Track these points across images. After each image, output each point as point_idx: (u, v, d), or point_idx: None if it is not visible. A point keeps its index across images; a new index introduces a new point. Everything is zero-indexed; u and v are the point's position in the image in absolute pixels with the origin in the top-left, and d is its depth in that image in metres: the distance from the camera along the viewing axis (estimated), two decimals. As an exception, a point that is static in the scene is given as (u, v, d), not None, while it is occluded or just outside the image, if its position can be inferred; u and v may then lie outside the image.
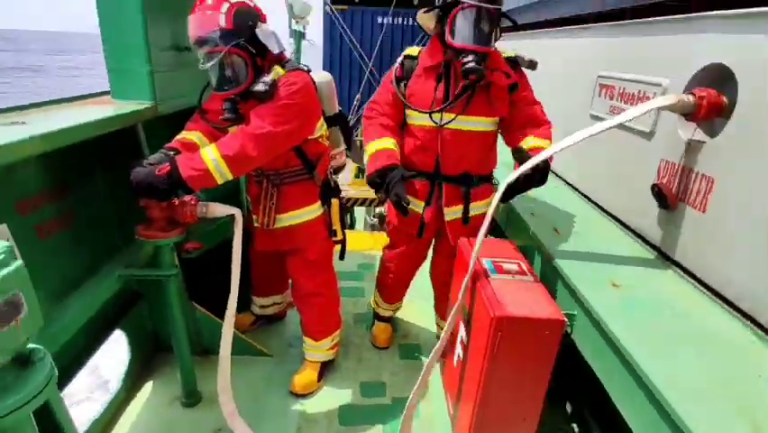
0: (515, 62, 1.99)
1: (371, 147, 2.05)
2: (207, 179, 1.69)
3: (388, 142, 2.05)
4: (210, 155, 1.68)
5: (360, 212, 6.54)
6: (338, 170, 2.35)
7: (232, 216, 1.81)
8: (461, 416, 1.85)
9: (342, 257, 2.26)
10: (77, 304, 1.63)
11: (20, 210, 1.53)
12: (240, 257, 1.82)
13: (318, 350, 2.29)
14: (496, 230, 2.49)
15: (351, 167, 8.73)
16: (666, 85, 1.67)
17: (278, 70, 1.77)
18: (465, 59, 1.79)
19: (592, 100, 2.23)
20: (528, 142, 1.93)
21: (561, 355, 1.54)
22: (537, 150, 1.82)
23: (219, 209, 1.80)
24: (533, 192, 2.00)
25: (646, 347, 1.19)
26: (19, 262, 0.87)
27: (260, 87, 1.71)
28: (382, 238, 4.00)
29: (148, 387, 2.23)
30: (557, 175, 2.67)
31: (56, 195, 1.71)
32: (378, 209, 6.16)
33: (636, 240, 1.84)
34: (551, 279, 1.72)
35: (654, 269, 1.63)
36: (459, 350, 1.90)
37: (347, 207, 7.40)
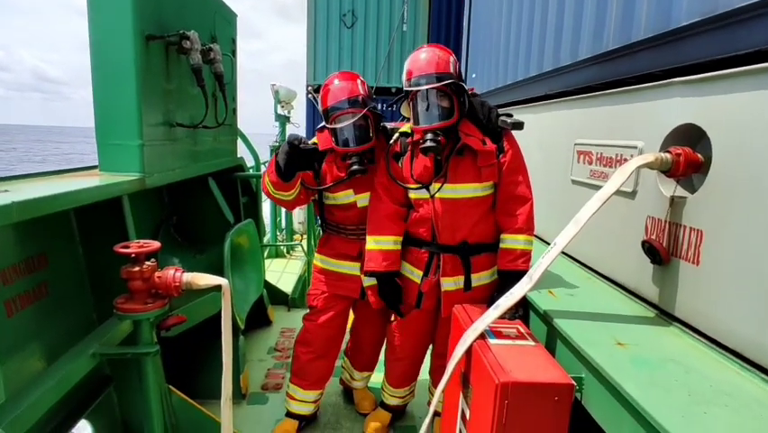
0: (499, 129, 2.00)
1: (370, 242, 2.09)
2: None
3: (387, 243, 2.08)
4: None
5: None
6: None
7: (218, 287, 1.74)
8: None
9: None
10: (46, 384, 1.46)
11: None
12: (230, 332, 1.72)
13: None
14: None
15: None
16: (641, 147, 1.75)
17: None
18: (423, 140, 1.88)
19: (572, 166, 2.32)
20: (504, 243, 2.01)
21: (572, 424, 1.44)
22: (511, 254, 1.98)
23: (204, 280, 1.73)
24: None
25: (671, 410, 1.12)
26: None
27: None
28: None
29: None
30: (544, 240, 2.69)
31: (33, 267, 1.63)
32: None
33: (631, 298, 1.82)
34: (551, 342, 1.66)
35: (657, 326, 1.59)
36: (460, 425, 1.77)
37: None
